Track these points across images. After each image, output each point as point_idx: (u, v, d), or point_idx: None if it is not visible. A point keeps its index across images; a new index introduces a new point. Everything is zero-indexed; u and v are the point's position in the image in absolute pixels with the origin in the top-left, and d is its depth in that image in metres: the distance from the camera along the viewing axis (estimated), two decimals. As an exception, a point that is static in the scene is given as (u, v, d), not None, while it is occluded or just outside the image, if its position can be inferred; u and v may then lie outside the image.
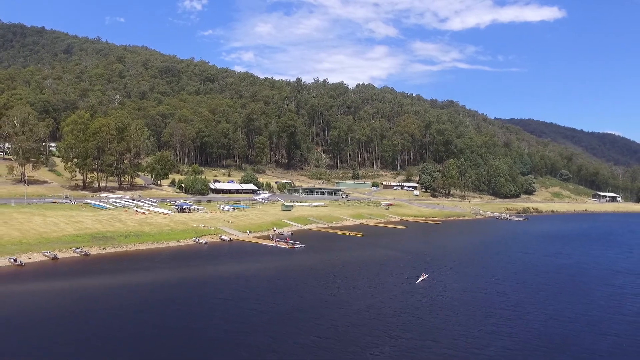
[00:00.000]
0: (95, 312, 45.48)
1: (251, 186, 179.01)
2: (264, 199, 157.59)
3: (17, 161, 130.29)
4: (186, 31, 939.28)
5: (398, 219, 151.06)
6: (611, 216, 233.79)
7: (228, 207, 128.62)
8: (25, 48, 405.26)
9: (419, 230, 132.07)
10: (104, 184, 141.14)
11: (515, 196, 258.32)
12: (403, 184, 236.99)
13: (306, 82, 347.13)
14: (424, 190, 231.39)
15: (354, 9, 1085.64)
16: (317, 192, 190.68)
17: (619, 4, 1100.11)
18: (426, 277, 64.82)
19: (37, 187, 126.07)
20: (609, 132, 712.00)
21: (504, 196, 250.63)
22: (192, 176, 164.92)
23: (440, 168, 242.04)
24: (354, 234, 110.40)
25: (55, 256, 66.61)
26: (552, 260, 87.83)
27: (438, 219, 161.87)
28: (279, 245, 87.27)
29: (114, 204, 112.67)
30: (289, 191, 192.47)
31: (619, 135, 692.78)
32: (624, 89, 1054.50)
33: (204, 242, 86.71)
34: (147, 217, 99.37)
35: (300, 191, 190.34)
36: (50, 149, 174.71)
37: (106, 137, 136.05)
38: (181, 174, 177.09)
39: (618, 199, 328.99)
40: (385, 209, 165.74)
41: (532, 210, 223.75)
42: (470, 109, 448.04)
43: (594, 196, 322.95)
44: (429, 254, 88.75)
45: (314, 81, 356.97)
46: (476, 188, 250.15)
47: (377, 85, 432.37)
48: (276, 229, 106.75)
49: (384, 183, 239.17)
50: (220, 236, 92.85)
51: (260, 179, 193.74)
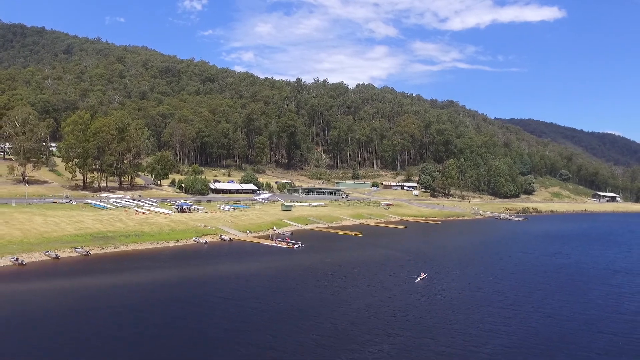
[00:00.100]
0: (96, 311, 45.86)
1: (251, 186, 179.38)
2: (263, 199, 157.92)
3: (17, 161, 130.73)
4: (186, 31, 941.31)
5: (398, 218, 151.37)
6: (611, 216, 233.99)
7: (228, 207, 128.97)
8: (26, 48, 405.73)
9: (419, 230, 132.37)
10: (104, 184, 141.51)
11: (515, 196, 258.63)
12: (403, 184, 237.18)
13: (306, 82, 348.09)
14: (423, 190, 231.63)
15: (354, 9, 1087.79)
16: (317, 192, 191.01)
17: (619, 4, 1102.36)
18: (425, 276, 65.16)
19: (38, 187, 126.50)
20: (609, 132, 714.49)
21: (503, 196, 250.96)
22: (192, 176, 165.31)
23: (440, 168, 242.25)
24: (353, 233, 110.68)
25: (56, 256, 66.99)
26: (551, 260, 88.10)
27: (437, 219, 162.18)
28: (278, 245, 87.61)
29: (115, 204, 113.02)
30: (288, 191, 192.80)
31: (619, 135, 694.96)
32: (624, 89, 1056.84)
33: (204, 241, 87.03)
34: (148, 217, 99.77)
35: (300, 191, 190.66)
36: (51, 149, 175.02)
37: (106, 137, 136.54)
38: (181, 174, 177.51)
39: (618, 199, 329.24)
40: (384, 209, 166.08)
41: (531, 210, 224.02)
42: (470, 109, 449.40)
43: (593, 196, 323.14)
44: (429, 254, 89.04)
45: (314, 81, 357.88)
46: (476, 188, 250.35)
47: (377, 85, 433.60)
48: (276, 228, 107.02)
49: (384, 183, 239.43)
50: (220, 236, 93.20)
51: (260, 179, 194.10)
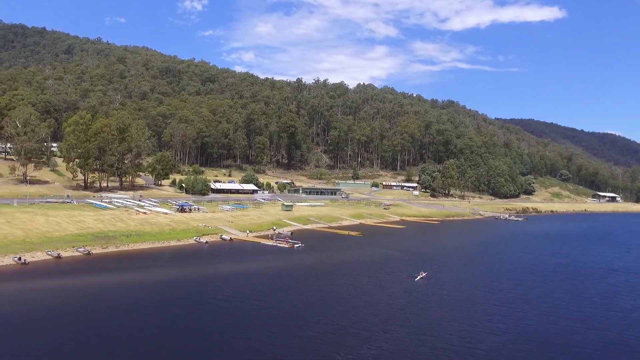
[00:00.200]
0: (97, 311, 46.36)
1: (251, 186, 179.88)
2: (264, 199, 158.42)
3: (19, 161, 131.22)
4: (186, 31, 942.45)
5: (398, 218, 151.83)
6: (611, 216, 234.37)
7: (228, 207, 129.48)
8: (27, 48, 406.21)
9: (419, 230, 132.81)
10: (105, 184, 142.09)
11: (515, 196, 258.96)
12: (403, 184, 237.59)
13: (306, 83, 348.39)
14: (423, 190, 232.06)
15: (354, 9, 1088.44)
16: (317, 192, 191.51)
17: (619, 4, 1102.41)
18: (425, 275, 65.66)
19: (39, 187, 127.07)
20: (609, 132, 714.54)
21: (503, 196, 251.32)
22: (192, 176, 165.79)
23: (440, 168, 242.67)
24: (353, 233, 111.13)
25: (58, 255, 67.56)
26: (550, 260, 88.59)
27: (437, 219, 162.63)
28: (279, 245, 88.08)
29: (116, 203, 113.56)
30: (289, 191, 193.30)
31: (619, 135, 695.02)
32: (624, 89, 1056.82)
33: (204, 241, 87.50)
34: (149, 217, 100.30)
35: (301, 191, 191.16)
36: (52, 149, 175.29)
37: (107, 137, 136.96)
38: (182, 174, 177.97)
39: (618, 199, 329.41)
40: (384, 209, 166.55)
41: (531, 210, 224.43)
42: (470, 109, 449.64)
43: (593, 196, 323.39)
44: (428, 254, 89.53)
45: (314, 81, 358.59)
46: (476, 188, 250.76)
47: (377, 85, 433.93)
48: (276, 228, 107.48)
49: (384, 183, 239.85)
50: (221, 235, 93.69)
51: (261, 179, 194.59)
